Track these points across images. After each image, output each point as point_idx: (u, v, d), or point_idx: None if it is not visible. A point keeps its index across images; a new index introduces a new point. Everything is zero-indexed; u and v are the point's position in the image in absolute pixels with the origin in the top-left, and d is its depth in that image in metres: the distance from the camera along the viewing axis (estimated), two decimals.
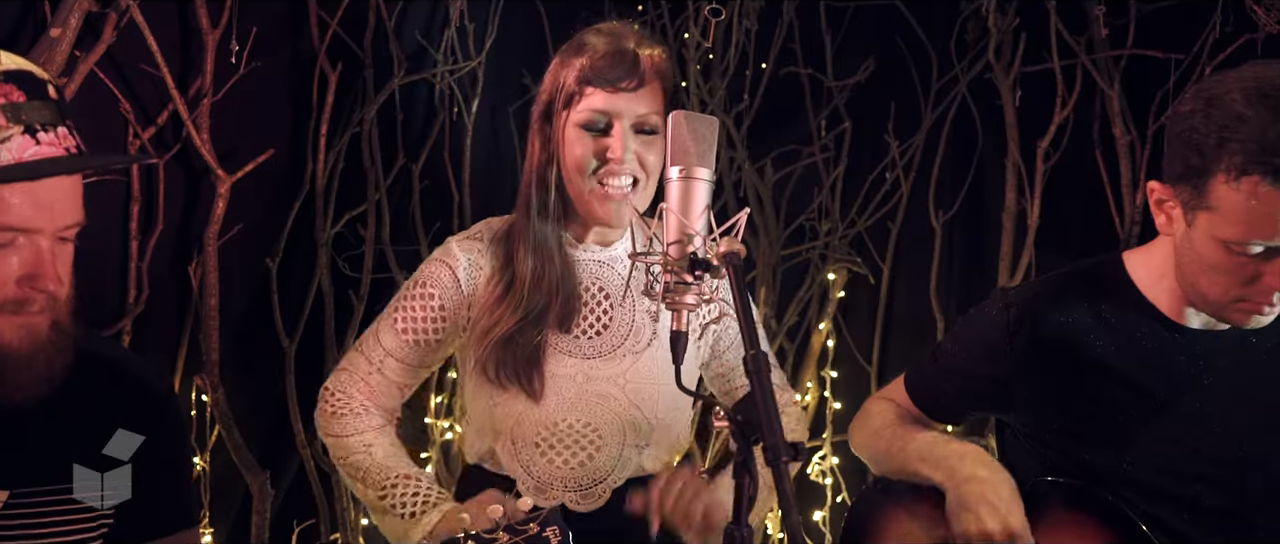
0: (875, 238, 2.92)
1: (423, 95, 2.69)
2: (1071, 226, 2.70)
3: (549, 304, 1.46)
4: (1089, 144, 2.64)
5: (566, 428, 1.48)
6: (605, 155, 1.42)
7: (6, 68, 1.12)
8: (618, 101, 1.42)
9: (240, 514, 2.40)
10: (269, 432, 2.47)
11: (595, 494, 1.49)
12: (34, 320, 1.16)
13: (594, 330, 1.50)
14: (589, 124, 1.43)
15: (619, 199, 1.44)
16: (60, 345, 1.19)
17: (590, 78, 1.42)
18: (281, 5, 2.42)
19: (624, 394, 1.49)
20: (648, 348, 1.51)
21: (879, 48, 2.89)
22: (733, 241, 1.16)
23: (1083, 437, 1.43)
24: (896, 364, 2.87)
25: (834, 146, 2.92)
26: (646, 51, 1.45)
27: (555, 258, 1.47)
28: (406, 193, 2.64)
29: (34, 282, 1.13)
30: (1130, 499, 1.40)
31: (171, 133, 2.24)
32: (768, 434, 1.01)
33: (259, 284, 2.43)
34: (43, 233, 1.14)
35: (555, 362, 1.48)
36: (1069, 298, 1.43)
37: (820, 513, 2.86)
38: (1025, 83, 2.72)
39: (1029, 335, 1.43)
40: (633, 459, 1.51)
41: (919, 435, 1.50)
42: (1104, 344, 1.40)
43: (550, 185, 1.47)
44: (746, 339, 1.09)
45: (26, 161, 1.10)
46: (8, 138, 1.10)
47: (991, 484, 1.38)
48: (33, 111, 1.12)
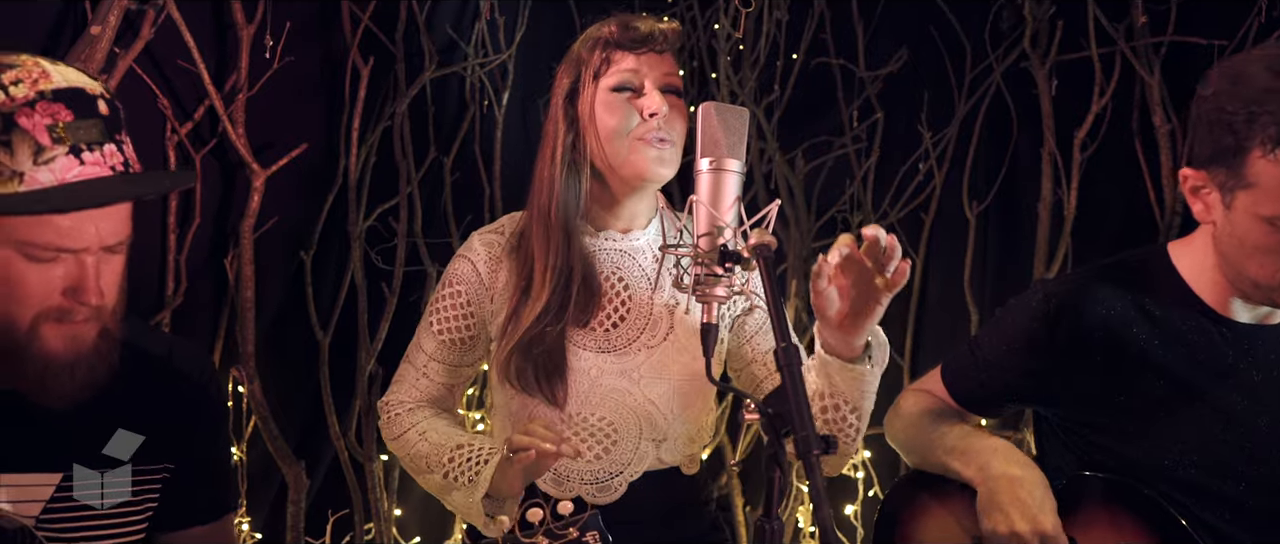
0: (908, 229, 2.89)
1: (454, 89, 2.70)
2: (1109, 218, 2.66)
3: (568, 294, 1.46)
4: (1127, 133, 2.60)
5: (582, 422, 1.48)
6: (644, 112, 1.42)
7: (57, 85, 1.12)
8: (644, 63, 1.44)
9: (276, 504, 2.44)
10: (304, 422, 2.51)
11: (612, 487, 1.49)
12: (79, 329, 1.17)
13: (611, 322, 1.49)
14: (622, 85, 1.44)
15: (659, 149, 1.42)
16: (105, 352, 1.20)
17: (618, 41, 1.44)
18: (314, 1, 2.44)
19: (639, 389, 1.48)
20: (664, 341, 1.49)
21: (912, 37, 2.85)
22: (763, 233, 1.15)
23: (1122, 432, 1.41)
24: (929, 357, 2.84)
25: (866, 137, 2.89)
26: (664, 24, 1.48)
27: (574, 246, 1.47)
28: (438, 185, 2.66)
29: (77, 295, 1.15)
30: (1171, 496, 1.38)
31: (208, 128, 2.28)
32: (799, 427, 1.01)
33: (293, 276, 2.46)
34: (88, 250, 1.15)
35: (572, 356, 1.47)
36: (1111, 290, 1.40)
37: (852, 507, 2.84)
38: (1061, 71, 2.68)
39: (1070, 328, 1.41)
40: (650, 452, 1.50)
41: (952, 429, 1.49)
42: (1146, 337, 1.38)
43: (579, 163, 1.46)
44: (777, 331, 1.09)
45: (68, 183, 1.11)
46: (52, 158, 1.11)
47: (1023, 483, 1.36)
48: (79, 131, 1.12)
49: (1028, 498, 1.34)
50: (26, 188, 1.10)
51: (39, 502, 1.22)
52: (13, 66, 1.12)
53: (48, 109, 1.11)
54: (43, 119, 1.10)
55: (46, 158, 1.11)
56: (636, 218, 1.52)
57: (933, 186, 2.87)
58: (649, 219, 1.54)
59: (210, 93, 2.22)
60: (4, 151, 1.09)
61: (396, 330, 2.57)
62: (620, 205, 1.50)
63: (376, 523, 2.54)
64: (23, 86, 1.11)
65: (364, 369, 2.53)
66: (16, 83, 1.11)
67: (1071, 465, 1.45)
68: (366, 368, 2.54)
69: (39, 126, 1.10)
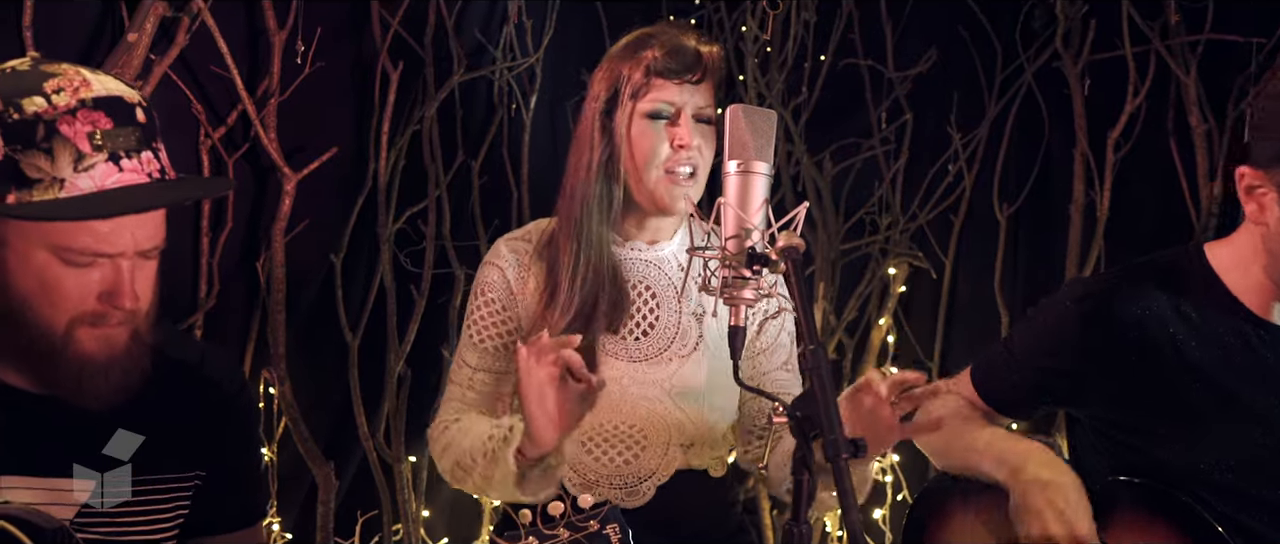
0: (937, 231, 2.87)
1: (482, 92, 2.72)
2: (1143, 219, 2.62)
3: (597, 303, 1.46)
4: (1162, 133, 2.56)
5: (611, 429, 1.48)
6: (675, 143, 1.43)
7: (98, 94, 1.14)
8: (683, 93, 1.45)
9: (306, 504, 2.46)
10: (334, 424, 2.53)
11: (640, 492, 1.49)
12: (113, 332, 1.19)
13: (640, 331, 1.49)
14: (656, 113, 1.45)
15: (684, 185, 1.44)
16: (138, 355, 1.22)
17: (660, 70, 1.45)
18: (344, 6, 2.47)
19: (669, 398, 1.48)
20: (694, 351, 1.49)
21: (941, 37, 2.83)
22: (791, 236, 1.15)
23: (1158, 434, 1.38)
24: (959, 360, 2.81)
25: (894, 139, 2.87)
26: (706, 48, 1.48)
27: (603, 254, 1.47)
28: (466, 189, 2.68)
29: (112, 299, 1.16)
30: (1207, 501, 1.35)
31: (240, 132, 2.31)
32: (827, 430, 1.00)
33: (324, 279, 2.48)
34: (124, 254, 1.16)
35: (602, 364, 1.47)
36: (1148, 290, 1.38)
37: (880, 511, 2.82)
38: (1094, 71, 2.64)
39: (1105, 328, 1.38)
40: (677, 457, 1.50)
41: (982, 432, 1.47)
42: (1184, 338, 1.35)
43: (613, 179, 1.47)
44: (806, 334, 1.08)
45: (107, 189, 1.13)
46: (92, 165, 1.12)
47: (1058, 487, 1.34)
48: (118, 139, 1.14)
49: (1063, 502, 1.32)
50: (67, 194, 1.12)
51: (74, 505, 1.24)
52: (55, 74, 1.14)
53: (88, 117, 1.13)
54: (83, 126, 1.12)
55: (87, 165, 1.12)
56: (662, 230, 1.54)
57: (963, 188, 2.84)
58: (675, 230, 1.55)
59: (243, 98, 2.25)
60: (46, 158, 1.11)
61: (425, 332, 2.59)
62: (647, 219, 1.51)
63: (404, 524, 2.56)
64: (64, 94, 1.13)
65: (393, 371, 2.55)
66: (59, 91, 1.13)
67: (1105, 469, 1.43)
68: (395, 369, 2.56)
69: (80, 134, 1.12)
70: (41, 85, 1.13)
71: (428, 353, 2.60)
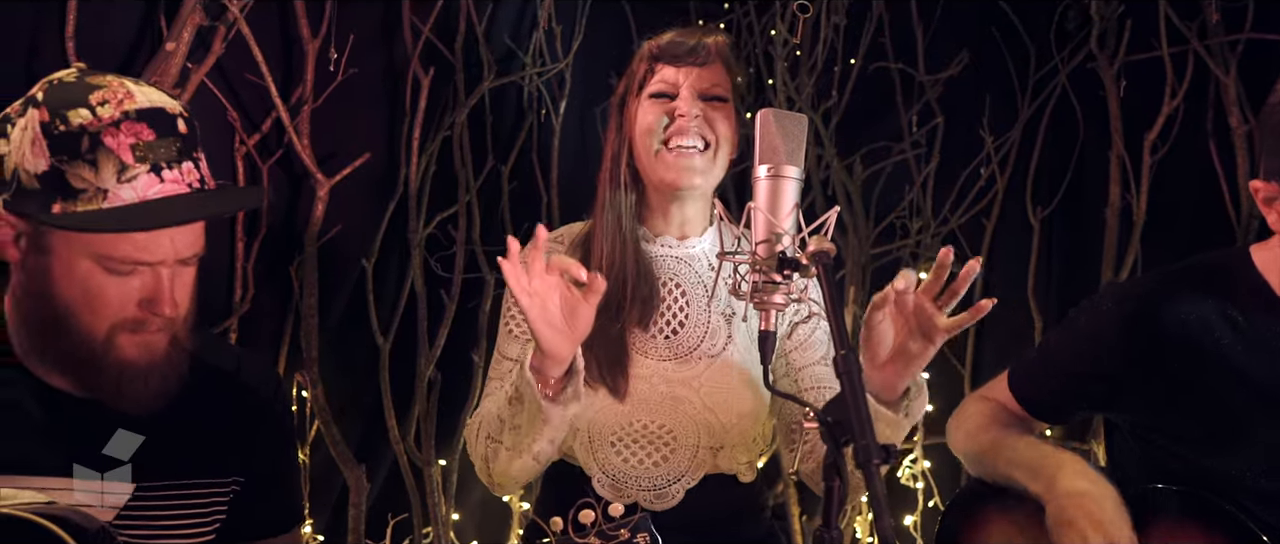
0: (969, 235, 2.84)
1: (512, 98, 2.73)
2: (1180, 222, 2.58)
3: (625, 295, 1.47)
4: (1201, 135, 2.51)
5: (641, 428, 1.48)
6: (674, 114, 1.46)
7: (141, 105, 1.17)
8: (684, 74, 1.48)
9: (338, 506, 2.49)
10: (365, 427, 2.55)
11: (669, 494, 1.49)
12: (152, 339, 1.21)
13: (671, 329, 1.49)
14: (658, 93, 1.49)
15: (688, 157, 1.45)
16: (176, 360, 1.24)
17: (659, 55, 1.50)
18: (376, 13, 2.50)
19: (699, 398, 1.48)
20: (723, 351, 1.49)
21: (973, 39, 2.80)
22: (822, 240, 1.14)
23: (1200, 440, 1.36)
24: (991, 365, 2.78)
25: (926, 142, 2.85)
26: (711, 38, 1.51)
27: (630, 246, 1.49)
28: (496, 194, 2.69)
29: (152, 306, 1.19)
30: (1250, 509, 1.32)
31: (275, 139, 2.34)
32: (859, 435, 1.00)
33: (356, 284, 2.50)
34: (164, 263, 1.19)
35: (633, 361, 1.48)
36: (1191, 292, 1.36)
37: (911, 518, 2.79)
38: (1130, 72, 2.61)
39: (1147, 331, 1.36)
40: (707, 460, 1.50)
41: (1016, 440, 1.45)
42: (1228, 342, 1.33)
43: (629, 169, 1.51)
44: (837, 339, 1.08)
45: (149, 200, 1.15)
46: (134, 177, 1.15)
47: (1095, 499, 1.32)
48: (160, 150, 1.16)
49: (1102, 514, 1.30)
50: (109, 204, 1.14)
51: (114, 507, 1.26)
52: (101, 87, 1.17)
53: (132, 129, 1.15)
54: (127, 138, 1.15)
55: (129, 176, 1.15)
56: (690, 223, 1.53)
57: (995, 191, 2.81)
58: (704, 225, 1.54)
59: (277, 105, 2.28)
60: (90, 169, 1.14)
61: (455, 336, 2.60)
62: (670, 211, 1.52)
63: (435, 527, 2.57)
64: (109, 107, 1.15)
65: (423, 374, 2.57)
66: (103, 103, 1.15)
67: (1145, 476, 1.41)
68: (426, 373, 2.57)
69: (123, 146, 1.14)
70: (87, 97, 1.15)
71: (458, 357, 2.62)
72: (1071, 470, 1.36)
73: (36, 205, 1.15)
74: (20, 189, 1.16)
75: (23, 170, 1.16)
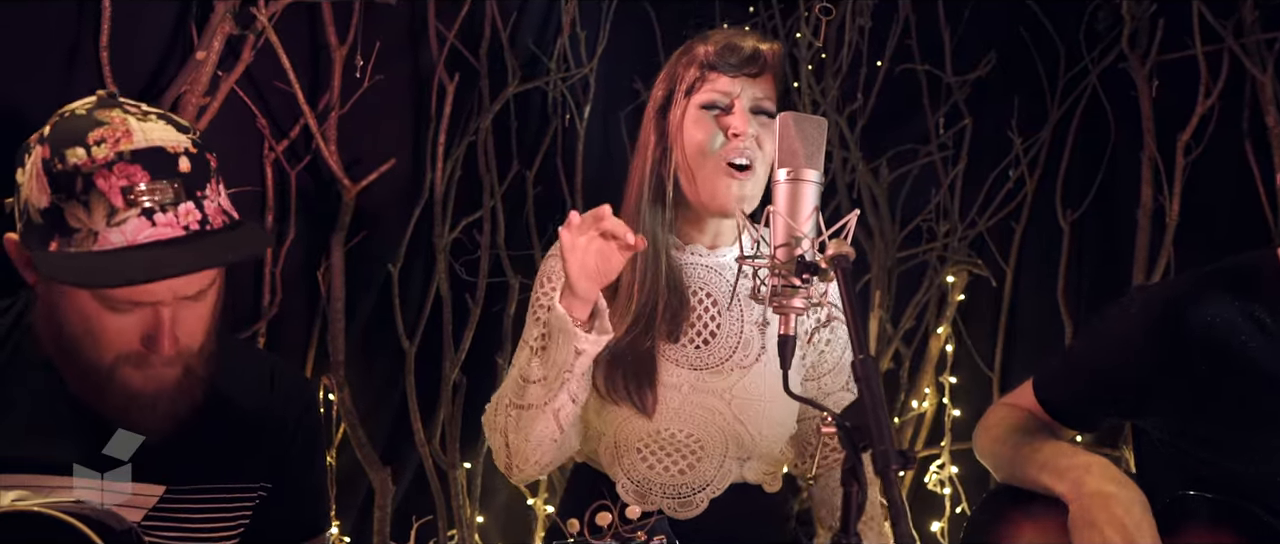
0: (998, 238, 2.80)
1: (536, 103, 2.74)
2: (1216, 224, 2.53)
3: (657, 308, 1.45)
4: (1236, 135, 2.47)
5: (669, 437, 1.47)
6: (730, 131, 1.42)
7: (137, 146, 1.14)
8: (737, 84, 1.44)
9: (364, 508, 2.51)
10: (391, 429, 2.57)
11: (693, 503, 1.47)
12: (159, 371, 1.20)
13: (702, 339, 1.48)
14: (711, 103, 1.44)
15: (740, 179, 1.42)
16: (188, 388, 1.23)
17: (715, 63, 1.44)
18: (402, 21, 2.52)
19: (730, 409, 1.46)
20: (756, 362, 1.47)
21: (1001, 40, 2.78)
22: (841, 244, 1.13)
23: (1229, 445, 1.33)
24: (1020, 370, 2.74)
25: (953, 144, 2.82)
26: (766, 45, 1.47)
27: (661, 258, 1.46)
28: (520, 198, 2.70)
29: (151, 344, 1.18)
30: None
31: (302, 145, 2.37)
32: (877, 441, 0.99)
33: (382, 288, 2.53)
34: (162, 303, 1.17)
35: (663, 370, 1.46)
36: (1218, 295, 1.33)
37: (938, 524, 2.76)
38: (1162, 72, 2.56)
39: (1173, 334, 1.34)
40: (733, 470, 1.49)
41: (1043, 444, 1.43)
42: (1257, 345, 1.30)
43: (665, 177, 1.46)
44: (855, 343, 1.07)
45: (139, 245, 1.13)
46: (124, 221, 1.13)
47: (1120, 501, 1.29)
48: (154, 194, 1.14)
49: (1125, 516, 1.28)
50: (99, 247, 1.13)
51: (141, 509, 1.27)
52: (102, 124, 1.15)
53: (124, 171, 1.13)
54: (119, 181, 1.13)
55: (118, 220, 1.13)
56: (722, 234, 1.52)
57: (1024, 194, 2.78)
58: (735, 235, 1.52)
59: (305, 112, 2.31)
60: (83, 210, 1.13)
61: (480, 340, 2.61)
62: (706, 224, 1.50)
63: (459, 530, 2.58)
64: (104, 147, 1.13)
65: (448, 378, 2.59)
66: (100, 142, 1.13)
67: (1173, 483, 1.38)
68: (451, 377, 2.59)
69: (114, 188, 1.12)
70: (86, 136, 1.14)
71: (483, 360, 2.63)
72: (1099, 473, 1.34)
73: (37, 240, 1.15)
74: (29, 222, 1.17)
75: (31, 204, 1.16)
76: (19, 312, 1.29)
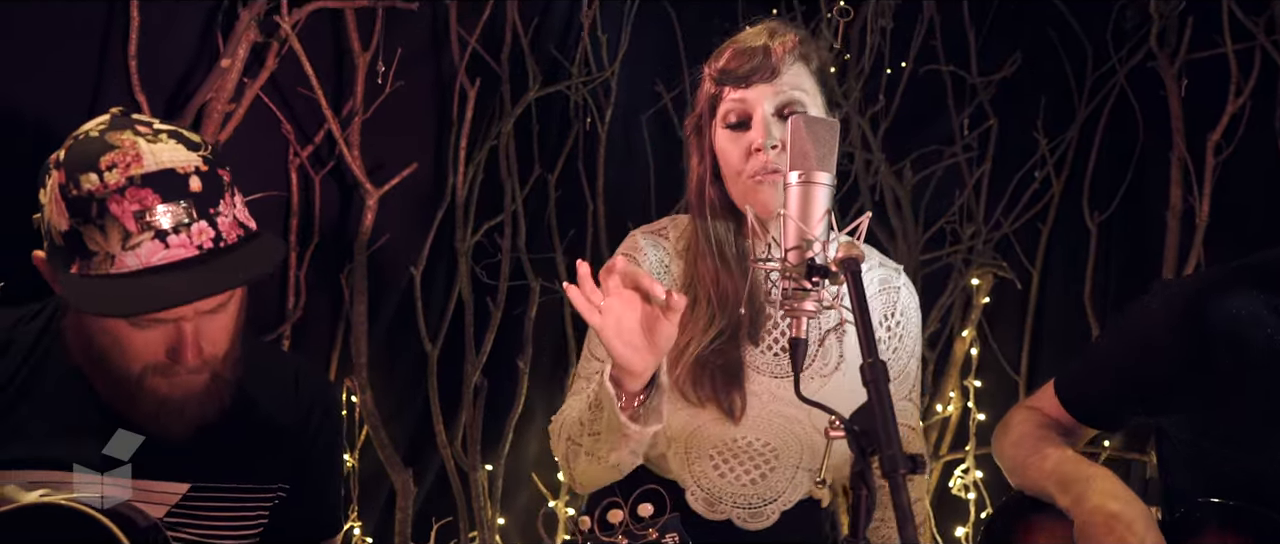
0: (1024, 240, 2.77)
1: (557, 107, 2.75)
2: (1248, 225, 2.48)
3: (737, 316, 1.42)
4: (1268, 134, 2.42)
5: (744, 445, 1.44)
6: (750, 148, 1.41)
7: (148, 170, 1.16)
8: (753, 94, 1.42)
9: (386, 509, 2.53)
10: (412, 432, 2.59)
11: (764, 514, 1.45)
12: (186, 379, 1.23)
13: (780, 345, 1.46)
14: (733, 122, 1.44)
15: (773, 181, 1.40)
16: (216, 393, 1.26)
17: (723, 78, 1.44)
18: (424, 26, 2.54)
19: (809, 418, 1.43)
20: (835, 371, 1.46)
21: (1027, 40, 2.74)
22: (850, 247, 1.13)
23: (1252, 441, 1.30)
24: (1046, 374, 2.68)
25: (977, 146, 2.79)
26: (777, 40, 1.43)
27: (734, 268, 1.44)
28: (542, 202, 2.71)
29: (176, 356, 1.21)
30: None
31: (326, 150, 2.40)
32: (884, 445, 0.98)
33: (404, 291, 2.55)
34: (184, 318, 1.20)
35: (748, 379, 1.44)
36: (1241, 290, 1.31)
37: (962, 529, 2.73)
38: (1191, 70, 2.52)
39: (1195, 330, 1.31)
40: (805, 482, 1.46)
41: (1053, 453, 1.41)
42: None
43: (712, 195, 1.46)
44: (864, 347, 1.06)
45: (154, 267, 1.15)
46: (138, 245, 1.15)
47: (1122, 519, 1.27)
48: (166, 216, 1.15)
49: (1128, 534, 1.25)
50: (116, 270, 1.15)
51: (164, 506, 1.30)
52: (114, 147, 1.16)
53: (136, 195, 1.15)
54: (131, 205, 1.15)
55: (133, 244, 1.15)
56: None
57: (1051, 195, 2.74)
58: None
59: (328, 117, 2.34)
60: (99, 234, 1.15)
61: (501, 343, 2.63)
62: (768, 227, 1.47)
63: (480, 531, 2.60)
64: (115, 172, 1.15)
65: (469, 380, 2.60)
66: (111, 167, 1.15)
67: (1196, 486, 1.36)
68: (472, 379, 2.61)
69: (127, 213, 1.15)
70: (98, 161, 1.16)
71: (504, 363, 2.65)
72: (1100, 487, 1.32)
73: (61, 262, 1.18)
74: (52, 243, 1.20)
75: (53, 226, 1.19)
76: (48, 316, 1.32)
